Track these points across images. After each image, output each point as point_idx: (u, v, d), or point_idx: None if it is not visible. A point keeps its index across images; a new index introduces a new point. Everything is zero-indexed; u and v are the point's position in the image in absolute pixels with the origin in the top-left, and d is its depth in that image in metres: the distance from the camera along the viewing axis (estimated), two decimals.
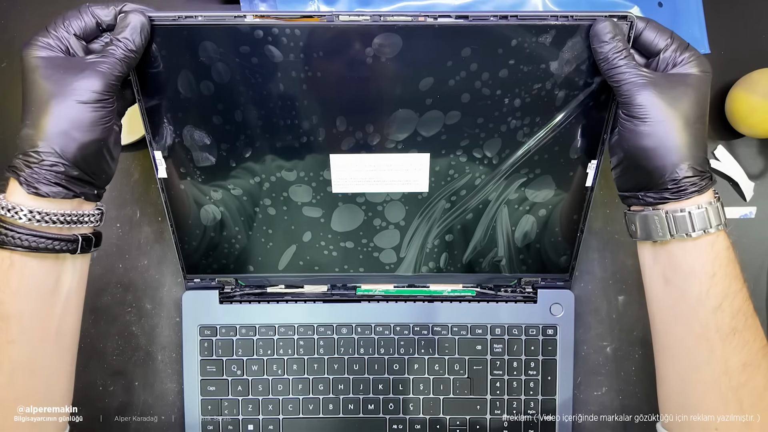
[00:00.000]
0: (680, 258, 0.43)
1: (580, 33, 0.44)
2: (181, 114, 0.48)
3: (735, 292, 0.42)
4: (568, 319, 0.61)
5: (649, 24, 0.44)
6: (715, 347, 0.42)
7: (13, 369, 0.41)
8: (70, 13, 0.43)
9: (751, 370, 0.42)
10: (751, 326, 0.42)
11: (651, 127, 0.41)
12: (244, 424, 0.60)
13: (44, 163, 0.40)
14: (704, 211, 0.42)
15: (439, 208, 0.55)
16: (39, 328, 0.42)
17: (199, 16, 0.43)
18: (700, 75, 0.43)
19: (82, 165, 0.41)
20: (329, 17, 0.44)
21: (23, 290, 0.41)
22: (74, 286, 0.44)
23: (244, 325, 0.60)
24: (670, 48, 0.44)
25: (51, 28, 0.42)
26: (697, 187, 0.42)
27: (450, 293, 0.61)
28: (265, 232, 0.56)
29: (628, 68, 0.42)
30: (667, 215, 0.43)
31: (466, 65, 0.46)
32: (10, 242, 0.40)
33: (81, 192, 0.42)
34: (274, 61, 0.45)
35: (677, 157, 0.41)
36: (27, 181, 0.40)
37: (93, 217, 0.44)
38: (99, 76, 0.40)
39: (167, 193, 0.54)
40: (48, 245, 0.41)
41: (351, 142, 0.50)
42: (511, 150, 0.51)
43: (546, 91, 0.47)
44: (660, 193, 0.43)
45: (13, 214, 0.40)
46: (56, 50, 0.42)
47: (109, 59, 0.41)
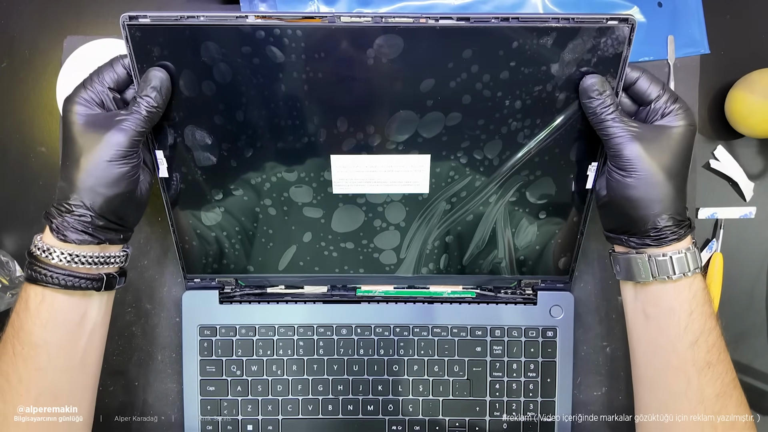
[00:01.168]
0: (661, 297, 0.47)
1: (581, 35, 0.44)
2: (182, 114, 0.48)
3: (710, 329, 0.46)
4: (568, 321, 0.61)
5: (644, 74, 0.46)
6: (691, 379, 0.45)
7: (39, 394, 0.45)
8: (104, 67, 0.46)
9: (723, 400, 0.45)
10: (723, 360, 0.46)
11: (636, 180, 0.44)
12: (244, 424, 0.60)
13: (74, 214, 0.44)
14: (683, 256, 0.45)
15: (439, 210, 0.55)
16: (65, 357, 0.46)
17: (201, 16, 0.44)
18: (686, 128, 0.45)
19: (108, 215, 0.45)
20: (331, 18, 0.44)
21: (52, 322, 0.45)
22: (99, 319, 0.48)
23: (243, 326, 0.60)
24: (661, 99, 0.46)
25: (87, 84, 0.45)
26: (677, 235, 0.45)
27: (450, 295, 0.61)
28: (266, 232, 0.56)
29: (615, 123, 0.44)
30: (650, 259, 0.46)
31: (467, 67, 0.46)
32: (43, 279, 0.44)
33: (106, 238, 0.46)
34: (276, 61, 0.45)
35: (659, 208, 0.45)
36: (57, 228, 0.44)
37: (118, 259, 0.48)
38: (123, 134, 0.44)
39: (168, 193, 0.53)
40: (76, 283, 0.45)
41: (352, 143, 0.50)
42: (511, 152, 0.51)
43: (547, 93, 0.47)
44: (642, 239, 0.46)
45: (48, 254, 0.44)
46: (92, 104, 0.45)
47: (133, 116, 0.44)
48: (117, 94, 0.46)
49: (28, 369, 0.44)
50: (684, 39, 0.61)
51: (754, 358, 0.65)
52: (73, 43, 0.59)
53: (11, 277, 0.60)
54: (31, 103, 0.61)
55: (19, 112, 0.61)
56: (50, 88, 0.61)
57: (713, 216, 0.63)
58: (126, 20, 0.43)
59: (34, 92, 0.61)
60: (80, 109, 0.44)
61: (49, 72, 0.61)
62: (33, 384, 0.44)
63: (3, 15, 0.61)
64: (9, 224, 0.62)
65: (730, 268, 0.63)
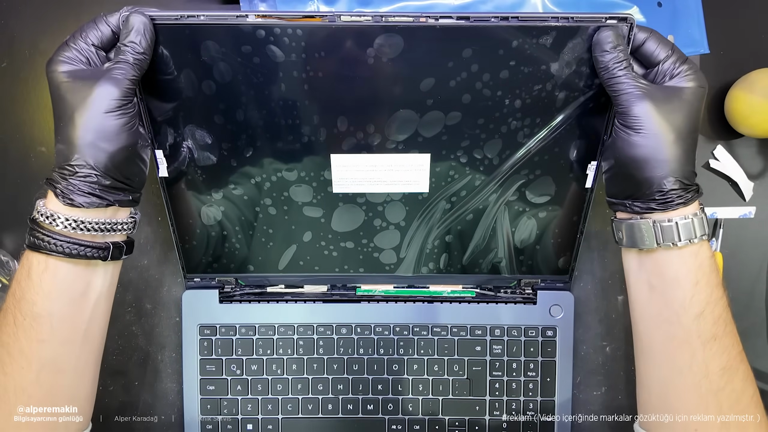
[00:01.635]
0: (665, 266, 0.45)
1: (581, 35, 0.44)
2: (182, 113, 0.49)
3: (716, 300, 0.44)
4: (568, 321, 0.61)
5: (652, 35, 0.45)
6: (696, 352, 0.44)
7: (41, 366, 0.43)
8: (86, 25, 0.44)
9: (729, 374, 0.44)
10: (729, 333, 0.44)
11: (644, 139, 0.43)
12: (243, 423, 0.60)
13: (78, 175, 0.42)
14: (690, 221, 0.44)
15: (439, 209, 0.55)
16: (68, 329, 0.44)
17: (201, 15, 0.44)
18: (695, 89, 0.44)
19: (113, 173, 0.43)
20: (331, 17, 0.44)
21: (54, 292, 0.43)
22: (104, 291, 0.46)
23: (243, 325, 0.60)
24: (669, 60, 0.44)
25: (70, 42, 0.43)
26: (683, 199, 0.43)
27: (450, 294, 0.61)
28: (266, 231, 0.56)
29: (626, 79, 0.43)
30: (654, 224, 0.44)
31: (467, 66, 0.46)
32: (46, 247, 0.42)
33: (115, 200, 0.44)
34: (276, 60, 0.46)
35: (666, 170, 0.43)
36: (63, 192, 0.42)
37: (126, 225, 0.46)
38: (114, 83, 0.41)
39: (168, 193, 0.54)
40: (80, 251, 0.43)
41: (352, 143, 0.50)
42: (511, 151, 0.51)
43: (546, 93, 0.47)
44: (647, 203, 0.44)
45: (51, 221, 0.42)
46: (77, 63, 0.43)
47: (121, 65, 0.42)
48: (102, 52, 0.44)
49: (30, 341, 0.43)
50: (684, 39, 0.61)
51: (754, 358, 0.65)
52: None
53: (11, 277, 0.60)
54: (31, 103, 0.61)
55: (19, 112, 0.61)
56: None
57: (713, 216, 0.63)
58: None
59: (34, 92, 0.61)
60: (65, 67, 0.42)
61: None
62: (35, 356, 0.43)
63: (3, 15, 0.61)
64: (9, 224, 0.62)
65: (730, 267, 0.63)
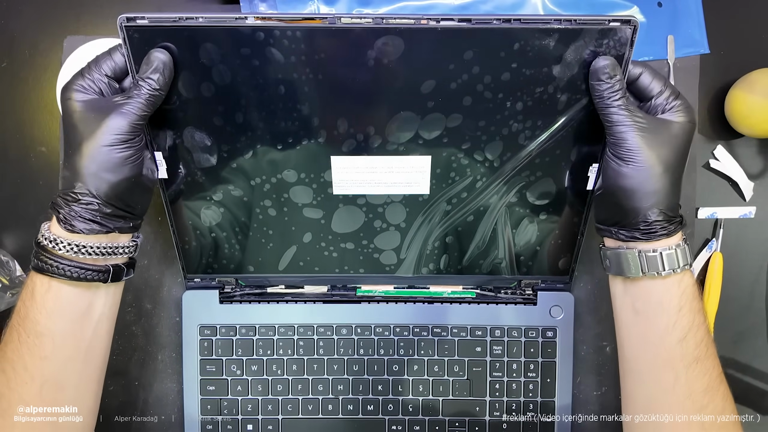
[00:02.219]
0: (650, 293, 0.47)
1: (583, 37, 0.44)
2: (182, 115, 0.48)
3: (698, 325, 0.46)
4: (568, 322, 0.61)
5: (646, 69, 0.46)
6: (680, 374, 0.46)
7: (43, 383, 0.45)
8: (101, 56, 0.45)
9: (711, 394, 0.46)
10: (711, 355, 0.46)
11: (633, 170, 0.44)
12: (243, 423, 0.60)
13: (80, 203, 0.43)
14: (673, 252, 0.45)
15: (439, 210, 0.55)
16: (70, 347, 0.46)
17: (200, 17, 0.43)
18: (685, 124, 0.45)
19: (115, 202, 0.44)
20: (331, 19, 0.44)
21: (57, 312, 0.44)
22: (105, 310, 0.47)
23: (244, 325, 0.60)
24: (663, 95, 0.45)
25: (85, 71, 0.44)
26: (666, 231, 0.45)
27: (450, 295, 0.61)
28: (266, 232, 0.56)
29: (620, 110, 0.44)
30: (640, 254, 0.46)
31: (468, 68, 0.46)
32: (50, 270, 0.43)
33: (115, 227, 0.45)
34: (276, 63, 0.45)
35: (651, 202, 0.44)
36: (65, 218, 0.43)
37: (127, 249, 0.47)
38: (123, 118, 0.42)
39: (168, 194, 0.53)
40: (82, 275, 0.44)
41: (352, 144, 0.50)
42: (512, 153, 0.51)
43: (548, 95, 0.47)
44: (631, 232, 0.46)
45: (54, 245, 0.43)
46: (91, 92, 0.44)
47: (134, 100, 0.43)
48: (115, 83, 0.45)
49: (33, 357, 0.44)
50: (684, 39, 0.61)
51: (754, 358, 0.65)
52: (73, 43, 0.59)
53: (11, 276, 0.60)
54: (31, 103, 0.61)
55: (19, 112, 0.61)
56: (50, 88, 0.61)
57: (713, 216, 0.63)
58: (123, 21, 0.43)
59: (34, 92, 0.61)
60: (78, 95, 0.43)
61: (49, 72, 0.61)
62: (38, 372, 0.44)
63: (3, 15, 0.61)
64: (9, 224, 0.62)
65: (730, 268, 0.63)
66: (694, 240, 0.63)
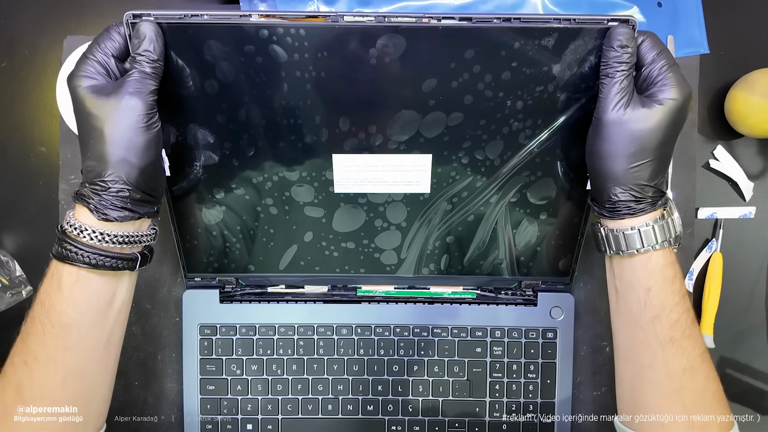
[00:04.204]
0: (622, 272, 0.48)
1: (583, 36, 0.44)
2: (184, 112, 0.48)
3: (672, 306, 0.46)
4: (568, 323, 0.61)
5: (649, 37, 0.44)
6: (656, 353, 0.46)
7: (66, 373, 0.45)
8: (101, 37, 0.44)
9: (690, 375, 0.46)
10: (689, 335, 0.46)
11: (606, 147, 0.44)
12: (243, 423, 0.60)
13: (111, 191, 0.42)
14: (636, 232, 0.45)
15: (440, 210, 0.55)
16: (93, 337, 0.46)
17: (204, 14, 0.43)
18: (671, 103, 0.43)
19: (143, 187, 0.44)
20: (334, 18, 0.44)
21: (84, 303, 0.44)
22: (126, 299, 0.47)
23: (244, 325, 0.60)
24: (653, 65, 0.44)
25: (89, 54, 0.43)
26: (632, 211, 0.45)
27: (450, 295, 0.61)
28: (267, 231, 0.56)
29: (617, 85, 0.43)
30: (607, 232, 0.47)
31: (469, 67, 0.46)
32: (78, 259, 0.43)
33: (144, 212, 0.45)
34: (279, 60, 0.45)
35: (617, 181, 0.44)
36: (96, 208, 0.43)
37: (148, 237, 0.47)
38: (138, 97, 0.42)
39: (169, 191, 0.53)
40: (110, 263, 0.44)
41: (353, 143, 0.50)
42: (512, 152, 0.51)
43: (548, 94, 0.48)
44: (600, 209, 0.47)
45: (79, 232, 0.43)
46: (98, 76, 0.43)
47: (140, 76, 0.42)
48: (120, 62, 0.44)
49: (57, 348, 0.44)
50: (684, 39, 0.61)
51: (753, 358, 0.65)
52: (73, 43, 0.59)
53: (11, 276, 0.60)
54: (31, 103, 0.61)
55: (19, 112, 0.61)
56: (50, 88, 0.61)
57: (713, 216, 0.63)
58: (130, 18, 0.43)
59: (34, 92, 0.61)
60: (86, 81, 0.42)
61: (49, 72, 0.61)
62: (61, 363, 0.44)
63: (3, 15, 0.61)
64: (9, 224, 0.62)
65: (730, 268, 0.63)
66: (694, 240, 0.63)
